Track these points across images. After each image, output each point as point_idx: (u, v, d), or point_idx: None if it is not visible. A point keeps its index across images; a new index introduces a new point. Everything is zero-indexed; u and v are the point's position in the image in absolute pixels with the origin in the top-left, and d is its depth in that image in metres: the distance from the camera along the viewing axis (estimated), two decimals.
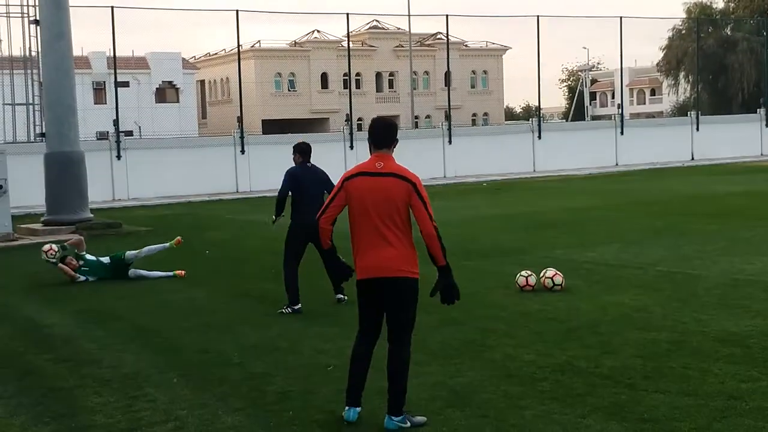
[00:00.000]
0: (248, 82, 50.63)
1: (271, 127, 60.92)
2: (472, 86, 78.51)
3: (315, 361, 7.42)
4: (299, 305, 9.66)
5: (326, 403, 6.21)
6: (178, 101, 64.54)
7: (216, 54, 71.82)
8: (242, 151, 32.69)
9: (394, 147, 5.78)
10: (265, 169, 32.57)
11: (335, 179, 26.87)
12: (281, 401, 6.33)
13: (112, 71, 34.41)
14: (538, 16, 39.05)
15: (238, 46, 35.28)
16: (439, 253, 5.63)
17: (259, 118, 63.43)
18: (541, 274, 10.22)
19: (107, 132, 36.67)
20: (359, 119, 64.65)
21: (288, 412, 6.08)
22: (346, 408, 5.76)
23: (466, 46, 75.85)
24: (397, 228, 5.55)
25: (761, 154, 42.54)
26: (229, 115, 56.65)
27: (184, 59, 65.97)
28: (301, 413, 6.03)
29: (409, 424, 5.64)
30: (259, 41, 68.90)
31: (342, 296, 9.93)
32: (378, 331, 5.84)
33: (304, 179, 9.99)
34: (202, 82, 72.96)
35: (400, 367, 5.67)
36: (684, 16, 62.54)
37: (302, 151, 10.26)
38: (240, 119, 33.67)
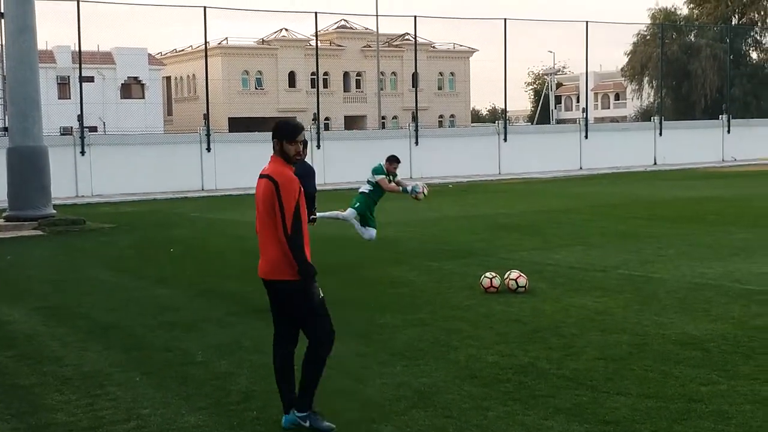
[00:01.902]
0: (215, 80, 50.38)
1: (238, 125, 60.69)
2: (440, 88, 78.76)
3: None
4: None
5: None
6: (143, 97, 64.01)
7: (183, 50, 71.31)
8: (208, 149, 32.54)
9: (279, 148, 5.63)
10: (231, 168, 32.49)
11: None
12: (245, 401, 6.31)
13: (77, 66, 34.07)
14: (505, 19, 39.31)
15: (206, 42, 35.09)
16: (292, 259, 5.42)
17: (225, 115, 63.12)
18: (506, 276, 10.29)
19: (71, 127, 36.27)
20: (326, 118, 64.73)
21: (252, 411, 6.07)
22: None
23: (433, 47, 76.07)
24: (274, 229, 5.44)
25: (722, 160, 43.17)
26: (195, 112, 56.26)
27: (150, 55, 65.44)
28: (265, 413, 6.02)
29: (308, 423, 5.60)
30: (226, 38, 68.58)
31: None
32: (287, 334, 5.75)
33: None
34: (168, 78, 72.41)
35: (307, 364, 5.63)
36: (649, 21, 63.33)
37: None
38: (206, 116, 33.49)
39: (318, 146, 34.39)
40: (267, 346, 7.87)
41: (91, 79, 57.20)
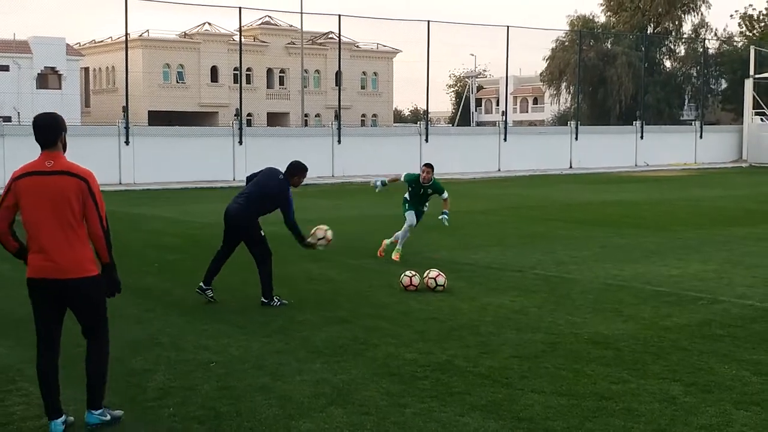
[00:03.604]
0: (135, 72, 49.50)
1: (158, 118, 59.68)
2: (362, 87, 78.85)
3: (197, 357, 7.35)
4: (204, 285, 9.67)
5: (207, 400, 6.17)
6: (60, 88, 62.32)
7: (102, 41, 69.77)
8: (127, 142, 31.94)
9: (64, 143, 5.60)
10: (151, 162, 31.98)
11: (221, 175, 26.62)
12: (161, 397, 6.25)
13: None
14: (428, 21, 39.66)
15: (126, 34, 34.43)
16: (105, 253, 5.61)
17: (145, 109, 61.99)
18: (425, 275, 10.40)
19: None
20: (249, 115, 64.16)
21: (168, 408, 6.01)
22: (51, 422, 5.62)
23: (357, 47, 76.11)
24: (71, 228, 5.44)
25: (635, 165, 44.31)
26: (114, 104, 55.12)
27: (68, 45, 63.78)
28: (181, 409, 5.97)
29: (109, 417, 5.68)
30: (147, 30, 67.37)
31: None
32: (58, 337, 5.68)
33: (262, 174, 9.78)
34: (87, 69, 70.71)
35: (100, 362, 5.70)
36: (567, 28, 64.56)
37: (288, 167, 9.76)
38: (125, 109, 32.87)
39: (240, 142, 34.10)
40: (185, 343, 7.84)
41: (6, 68, 55.54)
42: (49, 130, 5.53)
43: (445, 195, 13.40)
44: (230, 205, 9.64)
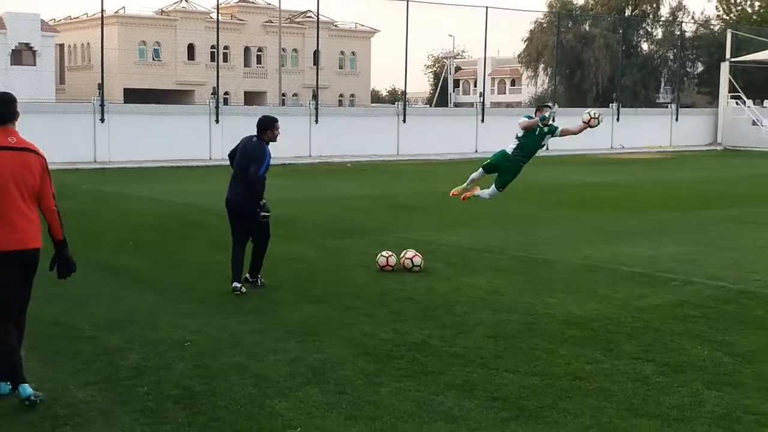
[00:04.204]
0: (111, 49, 48.97)
1: (134, 96, 59.09)
2: (341, 67, 78.50)
3: (172, 336, 7.32)
4: (238, 284, 9.03)
5: (182, 379, 6.15)
6: (35, 64, 61.51)
7: (78, 18, 68.95)
8: (102, 120, 31.64)
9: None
10: (126, 139, 31.71)
11: (197, 154, 26.36)
12: (136, 376, 6.23)
13: None
14: (407, 1, 39.46)
15: (102, 10, 34.10)
16: (59, 228, 5.82)
17: (121, 86, 61.43)
18: (401, 255, 10.42)
19: None
20: (226, 93, 63.69)
21: (143, 387, 5.99)
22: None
23: (335, 26, 75.72)
24: (32, 202, 5.68)
25: (611, 147, 44.52)
26: (89, 81, 54.61)
27: (43, 21, 62.93)
28: (156, 388, 5.96)
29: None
30: (123, 7, 66.59)
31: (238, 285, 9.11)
32: (25, 308, 5.85)
33: (239, 150, 9.32)
34: (62, 46, 69.82)
35: (19, 337, 5.79)
36: (546, 10, 64.55)
37: (257, 125, 9.39)
38: (101, 86, 32.53)
39: (217, 121, 33.86)
40: (159, 322, 7.81)
41: None
42: (9, 106, 5.69)
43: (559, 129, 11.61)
44: (228, 195, 9.25)
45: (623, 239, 13.19)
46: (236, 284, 9.01)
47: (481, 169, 12.06)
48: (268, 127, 9.29)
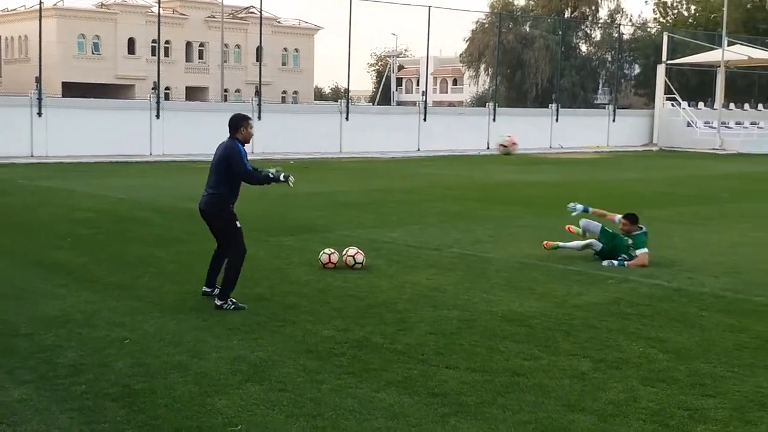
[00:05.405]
0: (49, 42, 47.91)
1: (73, 90, 58.07)
2: (284, 63, 78.18)
3: (110, 334, 7.24)
4: (207, 288, 8.72)
5: (120, 377, 6.09)
6: None
7: (14, 10, 67.47)
8: (39, 114, 31.00)
9: None
10: (64, 134, 31.12)
11: (137, 149, 26.06)
12: (73, 374, 6.14)
13: None
14: None
15: (40, 2, 33.41)
16: None
17: (59, 80, 60.30)
18: (344, 252, 10.44)
19: None
20: (167, 88, 62.93)
21: (80, 385, 5.91)
22: None
23: (278, 22, 75.39)
24: None
25: (550, 147, 45.10)
26: (26, 75, 53.32)
27: None
28: (94, 386, 5.89)
29: None
30: None
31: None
32: None
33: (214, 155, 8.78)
34: None
35: None
36: (488, 10, 65.10)
37: (228, 125, 8.81)
38: (38, 80, 31.87)
39: (157, 116, 33.44)
40: (98, 319, 7.71)
41: None
42: None
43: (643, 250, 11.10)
44: (200, 200, 8.70)
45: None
46: (205, 288, 8.71)
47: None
48: (239, 125, 8.74)
